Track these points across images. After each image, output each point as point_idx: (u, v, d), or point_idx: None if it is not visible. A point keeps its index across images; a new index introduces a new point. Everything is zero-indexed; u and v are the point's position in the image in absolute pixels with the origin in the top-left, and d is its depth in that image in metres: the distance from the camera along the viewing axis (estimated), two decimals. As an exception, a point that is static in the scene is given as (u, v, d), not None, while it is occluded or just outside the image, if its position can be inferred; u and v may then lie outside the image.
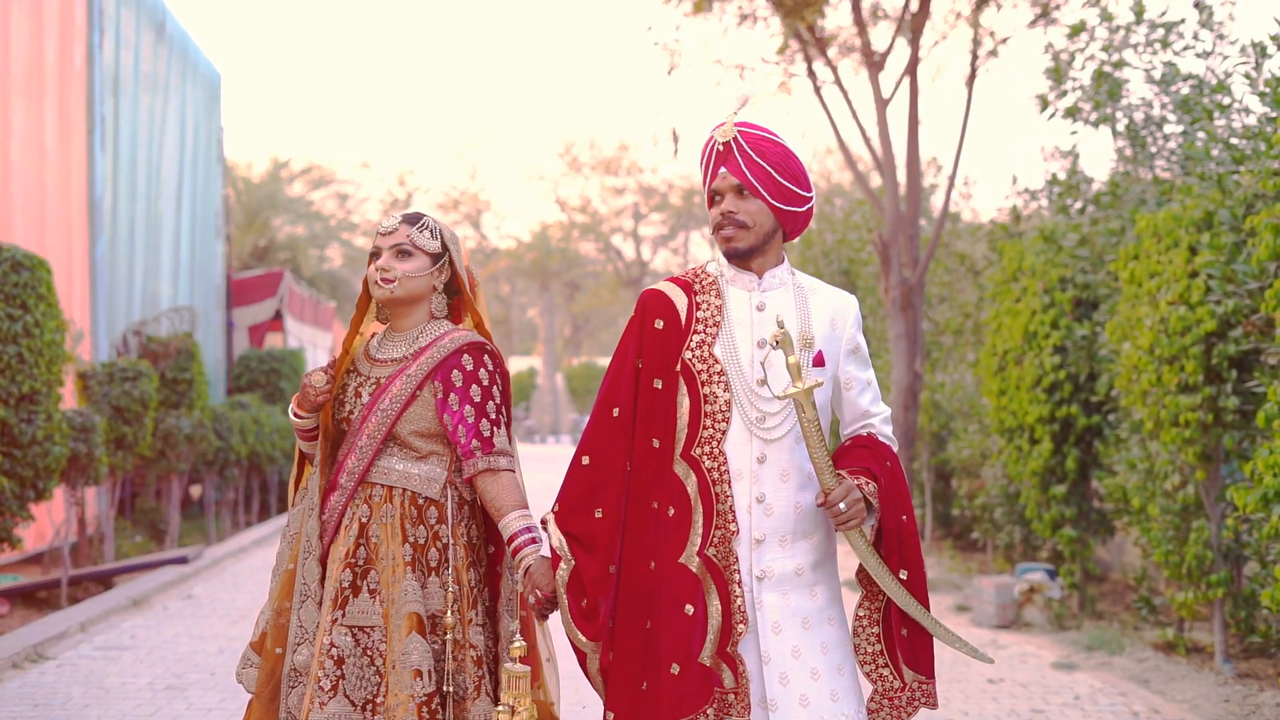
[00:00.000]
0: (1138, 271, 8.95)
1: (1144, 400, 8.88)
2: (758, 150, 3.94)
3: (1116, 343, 9.25)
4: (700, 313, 4.00)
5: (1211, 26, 10.12)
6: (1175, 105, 9.91)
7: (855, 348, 4.01)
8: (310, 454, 4.41)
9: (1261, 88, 8.53)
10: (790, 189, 3.94)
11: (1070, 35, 10.53)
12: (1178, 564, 8.86)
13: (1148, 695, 8.09)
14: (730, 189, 3.99)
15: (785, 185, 3.94)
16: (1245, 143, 8.75)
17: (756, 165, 3.93)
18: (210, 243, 20.39)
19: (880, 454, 3.95)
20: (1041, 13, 13.13)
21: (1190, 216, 8.37)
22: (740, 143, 3.97)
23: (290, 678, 4.22)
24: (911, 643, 3.94)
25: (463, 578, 4.25)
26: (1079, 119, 10.48)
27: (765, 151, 3.94)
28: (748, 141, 3.96)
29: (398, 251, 4.30)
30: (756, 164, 3.93)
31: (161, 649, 9.19)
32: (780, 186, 3.93)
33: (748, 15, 13.73)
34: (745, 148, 3.96)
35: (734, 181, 3.97)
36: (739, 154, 3.96)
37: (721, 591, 3.87)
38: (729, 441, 3.93)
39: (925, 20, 13.47)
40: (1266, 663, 8.91)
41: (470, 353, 4.28)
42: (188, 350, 14.81)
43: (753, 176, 3.94)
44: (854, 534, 3.85)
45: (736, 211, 3.97)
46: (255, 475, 18.35)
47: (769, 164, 3.93)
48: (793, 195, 3.95)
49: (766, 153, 3.94)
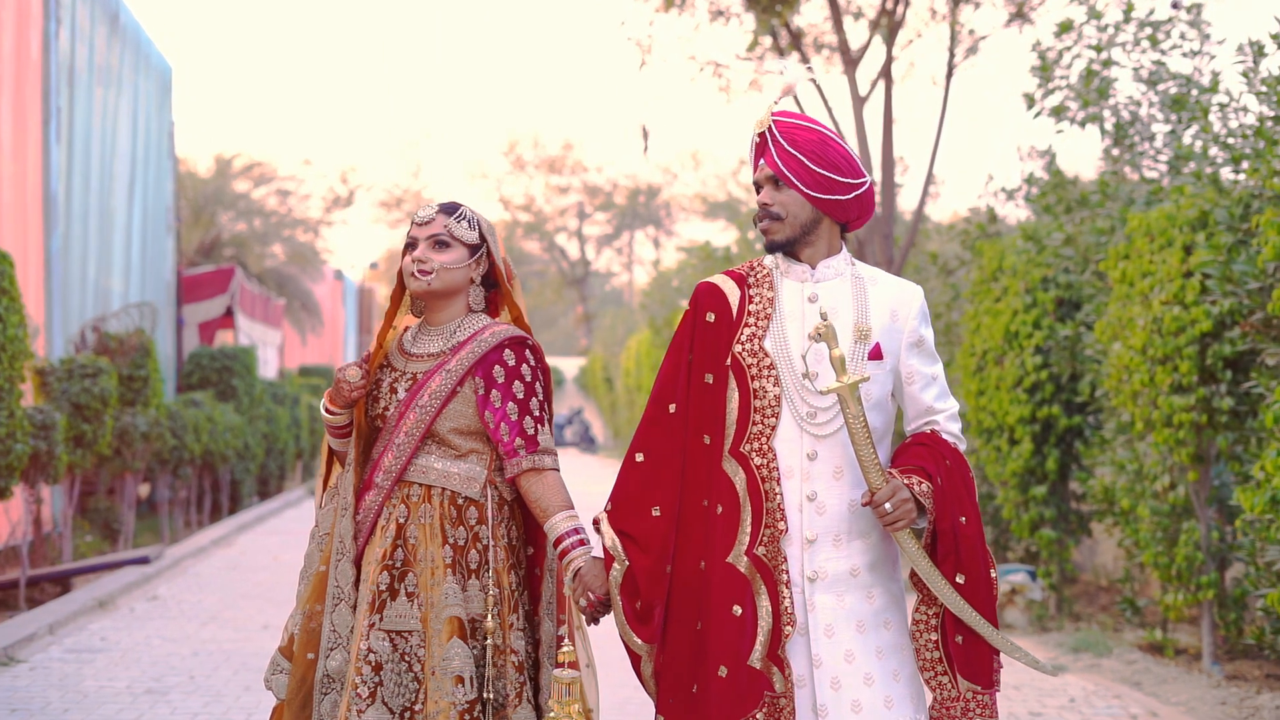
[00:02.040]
0: (1129, 271, 8.89)
1: (1135, 401, 8.82)
2: (790, 140, 3.84)
3: (1106, 343, 9.19)
4: (752, 305, 3.89)
5: (1198, 25, 10.10)
6: (1164, 104, 9.87)
7: (919, 340, 3.88)
8: (341, 452, 4.25)
9: (1259, 87, 8.49)
10: (828, 177, 3.82)
11: (1058, 33, 10.48)
12: (1167, 565, 8.81)
13: (1142, 698, 8.03)
14: (767, 180, 3.90)
15: (821, 174, 3.82)
16: (1242, 142, 8.71)
17: (789, 155, 3.83)
18: (161, 238, 20.07)
19: (939, 452, 3.82)
20: (1017, 12, 13.10)
21: (1185, 216, 8.31)
22: (774, 133, 3.88)
23: (323, 684, 4.05)
24: (967, 651, 3.81)
25: (504, 580, 4.10)
26: (1065, 118, 10.43)
27: (799, 141, 3.83)
28: (781, 131, 3.87)
29: (434, 242, 4.15)
30: (789, 154, 3.83)
31: (135, 651, 8.96)
32: (815, 175, 3.81)
33: (721, 12, 13.64)
34: (779, 138, 3.86)
35: (769, 173, 3.88)
36: (773, 145, 3.88)
37: (771, 592, 3.76)
38: (778, 438, 3.82)
39: (903, 18, 13.41)
40: (1252, 664, 8.87)
41: (512, 348, 4.13)
42: (144, 347, 14.53)
43: (785, 167, 3.84)
44: (904, 536, 3.74)
45: (771, 204, 3.88)
46: (208, 474, 18.07)
47: (802, 153, 3.82)
48: (832, 183, 3.83)
49: (800, 142, 3.83)
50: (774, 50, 13.87)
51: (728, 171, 57.25)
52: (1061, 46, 10.49)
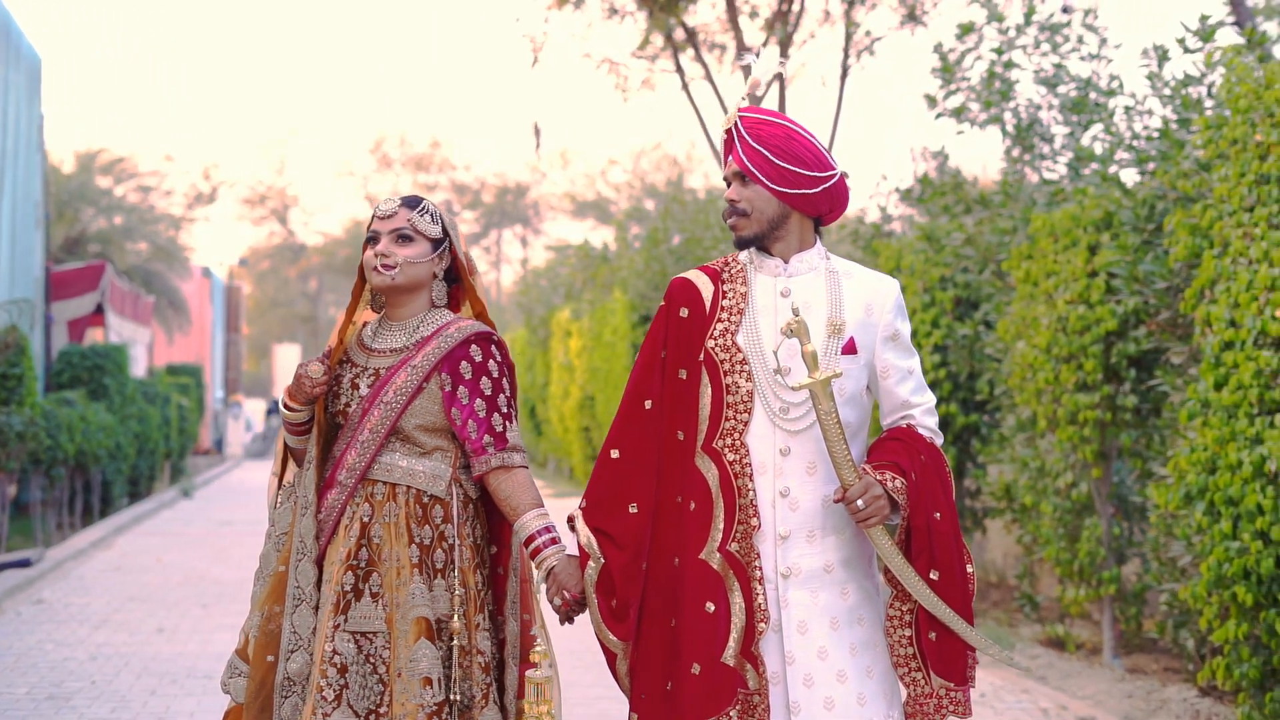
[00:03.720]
0: (1033, 271, 9.00)
1: (1038, 398, 8.94)
2: (756, 136, 3.83)
3: (1010, 341, 9.30)
4: (725, 301, 3.88)
5: (1095, 29, 10.27)
6: (1064, 107, 10.02)
7: (894, 334, 3.87)
8: (299, 449, 4.15)
9: (1164, 90, 8.65)
10: (794, 171, 3.81)
11: (959, 35, 10.59)
12: (1069, 561, 8.94)
13: (1050, 692, 8.13)
14: (734, 176, 3.89)
15: (787, 168, 3.80)
16: (1147, 144, 8.86)
17: (754, 151, 3.82)
18: (29, 234, 19.54)
19: (915, 448, 3.82)
20: (909, 14, 13.22)
21: (1089, 217, 8.44)
22: (740, 129, 3.87)
23: (283, 687, 3.95)
24: (941, 647, 3.81)
25: (469, 580, 4.03)
26: (966, 119, 10.55)
27: (764, 136, 3.83)
28: (747, 127, 3.86)
29: (398, 237, 4.07)
30: (754, 149, 3.82)
31: (29, 657, 8.73)
32: (780, 170, 3.80)
33: (616, 10, 13.60)
34: (745, 134, 3.86)
35: (735, 169, 3.88)
36: (738, 141, 3.87)
37: (744, 589, 3.74)
38: (751, 433, 3.80)
39: (799, 20, 13.48)
40: (1149, 658, 9.04)
41: (478, 343, 4.06)
42: (18, 344, 14.16)
43: (750, 162, 3.83)
44: (875, 532, 3.73)
45: (738, 199, 3.87)
46: (80, 475, 17.67)
47: (767, 148, 3.81)
48: (798, 178, 3.81)
49: (765, 137, 3.82)
50: (668, 49, 13.87)
51: (596, 170, 57.25)
52: (964, 49, 10.60)
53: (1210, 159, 7.15)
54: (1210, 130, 7.15)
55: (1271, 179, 6.48)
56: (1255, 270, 6.45)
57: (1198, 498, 6.75)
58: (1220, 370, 6.62)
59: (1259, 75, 6.86)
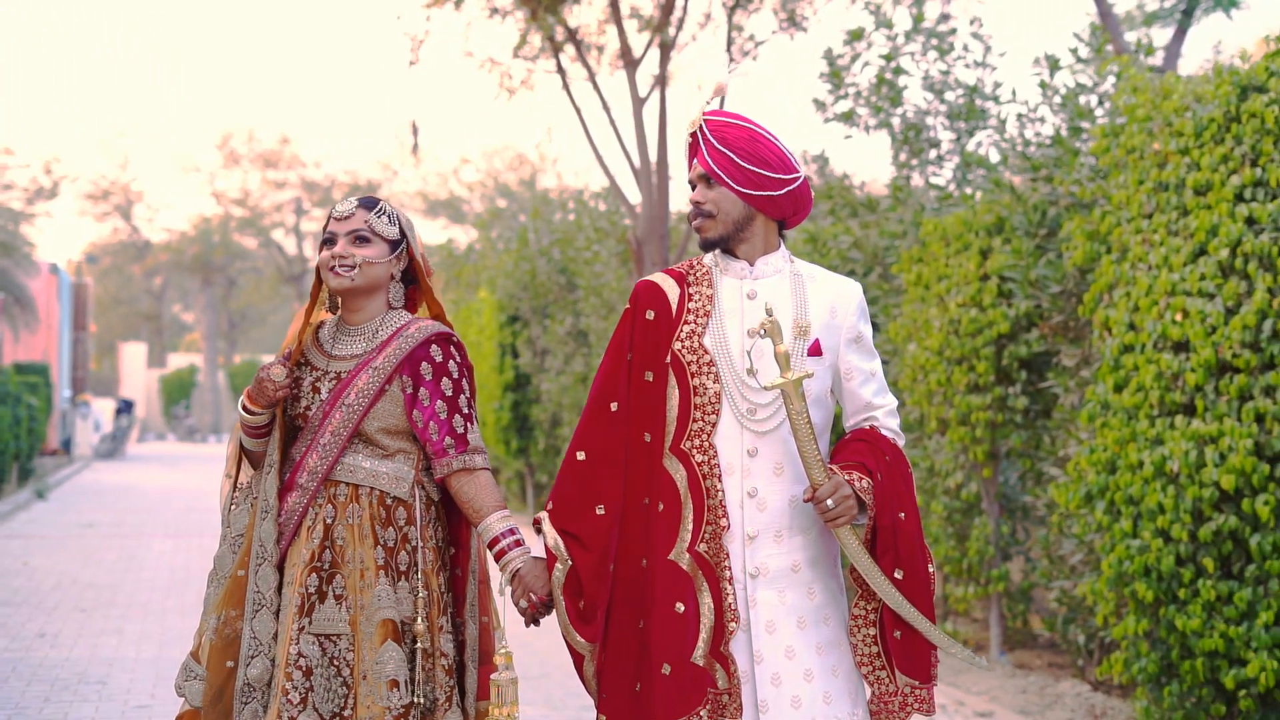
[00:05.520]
0: (924, 274, 9.15)
1: (929, 400, 9.09)
2: (721, 138, 3.88)
3: (900, 344, 9.45)
4: (692, 303, 3.92)
5: (980, 38, 10.47)
6: (950, 113, 10.21)
7: (857, 336, 3.93)
8: (257, 452, 4.09)
9: (1055, 99, 8.85)
10: (759, 174, 3.86)
11: (848, 41, 10.73)
12: (958, 560, 9.11)
13: (944, 688, 8.27)
14: (699, 179, 3.94)
15: (752, 170, 3.86)
16: (1039, 151, 9.05)
17: (719, 153, 3.87)
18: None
19: (879, 449, 3.88)
20: (789, 18, 13.36)
21: (981, 221, 8.61)
22: (705, 132, 3.93)
23: (243, 693, 3.90)
24: (905, 646, 3.87)
25: (432, 582, 4.01)
26: (855, 123, 10.69)
27: (729, 139, 3.88)
28: (712, 130, 3.91)
29: (355, 238, 4.04)
30: (719, 152, 3.87)
31: (-90, 664, 8.49)
32: (745, 172, 3.86)
33: (497, 10, 13.56)
34: (710, 137, 3.91)
35: (701, 171, 3.92)
36: (704, 144, 3.92)
37: (713, 589, 3.78)
38: (719, 434, 3.84)
39: (681, 23, 13.54)
40: (1032, 654, 9.24)
41: (439, 344, 4.05)
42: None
43: (715, 165, 3.88)
44: (843, 532, 3.79)
45: (703, 201, 3.92)
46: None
47: (733, 151, 3.86)
48: (763, 180, 3.87)
49: (730, 139, 3.88)
50: (548, 49, 13.86)
51: (449, 169, 56.90)
52: (853, 54, 10.74)
53: (1107, 166, 7.33)
54: (1107, 138, 7.33)
55: (1170, 186, 6.67)
56: (1155, 275, 6.63)
57: (1098, 497, 6.92)
58: (1120, 373, 6.79)
59: (1155, 85, 7.06)
